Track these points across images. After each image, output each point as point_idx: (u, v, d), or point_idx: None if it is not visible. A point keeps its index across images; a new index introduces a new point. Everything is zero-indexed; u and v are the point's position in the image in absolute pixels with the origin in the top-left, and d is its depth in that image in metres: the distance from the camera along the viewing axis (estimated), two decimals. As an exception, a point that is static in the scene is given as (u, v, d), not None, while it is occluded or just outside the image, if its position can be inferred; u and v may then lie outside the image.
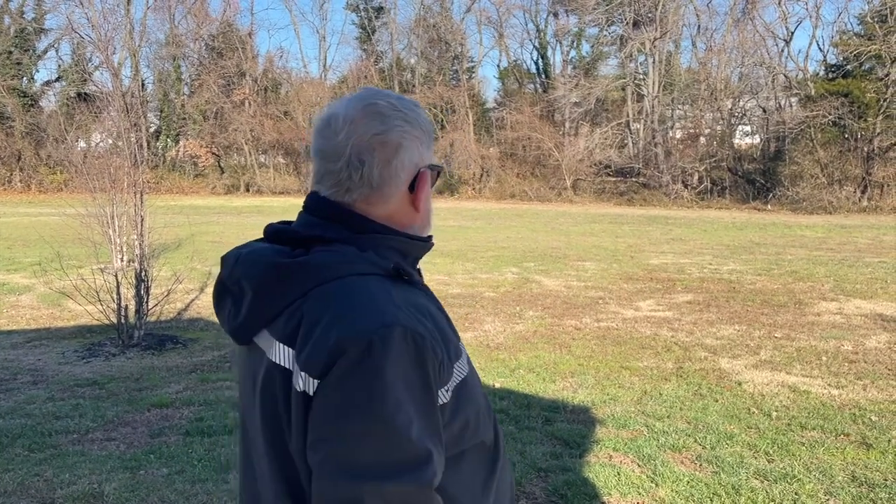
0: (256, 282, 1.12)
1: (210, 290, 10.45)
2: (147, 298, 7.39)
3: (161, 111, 43.72)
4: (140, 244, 7.57)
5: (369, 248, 1.13)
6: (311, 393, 1.02)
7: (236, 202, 34.70)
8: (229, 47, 43.61)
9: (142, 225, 7.74)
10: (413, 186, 1.18)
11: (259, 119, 41.68)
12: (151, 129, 43.55)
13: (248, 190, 40.90)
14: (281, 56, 61.89)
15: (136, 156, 8.94)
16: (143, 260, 7.49)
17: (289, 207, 31.18)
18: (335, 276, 1.08)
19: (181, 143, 43.51)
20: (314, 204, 1.19)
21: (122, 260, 9.92)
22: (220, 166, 43.36)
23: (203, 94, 42.24)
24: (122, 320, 7.19)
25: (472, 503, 1.14)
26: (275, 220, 1.31)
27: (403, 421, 0.99)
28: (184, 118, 43.09)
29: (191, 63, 45.33)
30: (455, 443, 1.11)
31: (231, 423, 4.84)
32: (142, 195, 7.96)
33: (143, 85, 43.50)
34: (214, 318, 8.56)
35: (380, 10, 47.24)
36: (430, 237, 1.24)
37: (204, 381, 5.99)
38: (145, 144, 40.59)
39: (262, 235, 1.23)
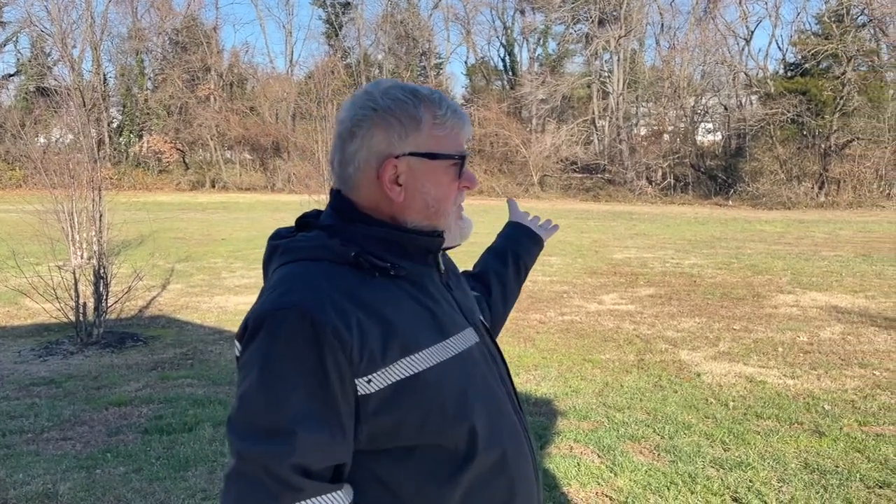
0: (263, 259, 1.28)
1: (172, 286, 10.32)
2: (106, 296, 7.27)
3: (124, 106, 42.94)
4: (99, 241, 7.45)
5: (345, 235, 1.18)
6: (237, 355, 1.16)
7: (201, 198, 34.24)
8: (194, 42, 42.99)
9: (100, 221, 7.61)
10: (380, 175, 1.18)
11: (225, 114, 41.17)
12: (114, 125, 42.78)
13: (213, 186, 40.40)
14: (247, 51, 61.14)
15: (95, 152, 8.78)
16: (102, 257, 7.36)
17: (255, 204, 30.88)
18: (290, 260, 1.17)
19: (144, 138, 42.78)
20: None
21: (81, 257, 9.74)
22: (184, 162, 42.75)
23: (167, 88, 41.58)
24: (81, 318, 7.06)
25: (417, 498, 1.14)
26: (240, 216, 1.35)
27: (276, 396, 1.06)
28: (147, 113, 42.37)
29: (154, 57, 44.60)
30: (393, 434, 1.12)
31: (191, 421, 4.79)
32: (100, 191, 7.83)
33: (104, 79, 42.72)
34: (176, 315, 8.49)
35: (347, 5, 46.96)
36: (435, 231, 1.22)
37: (164, 378, 5.91)
38: (107, 140, 39.93)
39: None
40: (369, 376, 1.09)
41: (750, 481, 3.85)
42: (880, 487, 3.76)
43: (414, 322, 1.16)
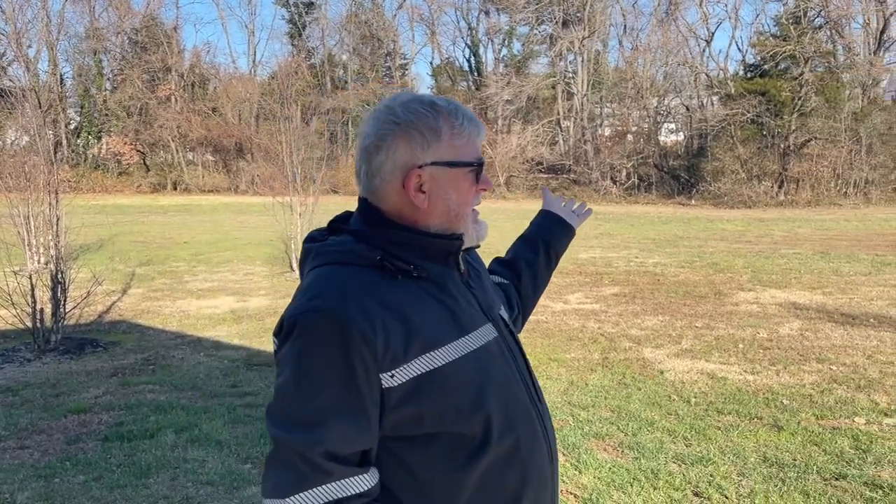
0: (299, 259, 1.38)
1: (132, 291, 10.15)
2: (64, 301, 7.12)
3: (81, 107, 42.06)
4: (56, 245, 7.29)
5: (372, 240, 1.28)
6: (275, 350, 1.28)
7: (163, 201, 33.72)
8: (153, 41, 42.26)
9: (58, 225, 7.45)
10: (405, 184, 1.27)
11: (186, 115, 40.56)
12: (71, 126, 41.87)
13: (175, 188, 39.79)
14: (208, 51, 60.41)
15: (52, 154, 8.58)
16: (60, 261, 7.20)
17: (218, 206, 30.49)
18: (321, 263, 1.27)
19: (103, 140, 41.95)
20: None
21: (37, 262, 9.52)
22: (145, 164, 42.01)
23: (126, 89, 40.80)
24: (38, 324, 6.90)
25: (436, 481, 1.24)
26: (203, 219, 1.38)
27: (308, 390, 1.18)
28: (106, 114, 41.53)
29: (113, 57, 43.76)
30: (415, 423, 1.22)
31: (152, 427, 4.72)
32: (58, 194, 7.66)
33: (61, 80, 41.78)
34: (137, 320, 8.35)
35: (310, 5, 46.63)
36: (454, 235, 1.31)
37: (125, 385, 5.81)
38: (64, 142, 39.09)
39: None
40: (392, 371, 1.19)
41: (711, 476, 3.91)
42: (836, 479, 3.85)
43: (434, 320, 1.25)
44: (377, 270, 1.24)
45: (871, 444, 4.32)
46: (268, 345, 7.15)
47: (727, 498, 3.67)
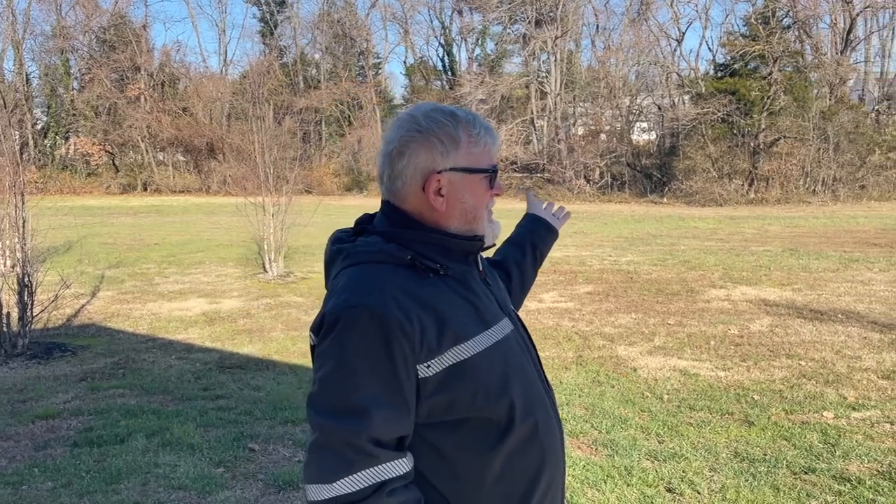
0: (325, 259, 1.47)
1: (102, 294, 9.99)
2: (31, 305, 6.98)
3: (49, 107, 41.37)
4: (22, 248, 7.15)
5: (400, 240, 1.37)
6: (312, 345, 1.38)
7: (133, 202, 33.26)
8: (122, 40, 41.63)
9: (24, 227, 7.30)
10: (425, 188, 1.38)
11: (156, 115, 40.04)
12: (38, 126, 41.12)
13: (145, 189, 39.26)
14: (178, 50, 59.41)
15: (17, 154, 8.41)
16: (27, 264, 7.07)
17: (189, 207, 30.15)
18: (355, 262, 1.36)
19: (71, 140, 41.29)
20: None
21: (3, 265, 9.34)
22: (114, 165, 41.41)
23: (94, 88, 40.17)
24: (5, 328, 6.77)
25: (465, 462, 1.35)
26: (174, 219, 1.38)
27: (352, 381, 1.26)
28: (74, 114, 40.87)
29: (80, 56, 43.03)
30: (447, 410, 1.32)
31: (122, 432, 4.64)
32: (24, 196, 7.51)
33: (27, 79, 41.04)
34: (107, 324, 8.22)
35: (282, 3, 46.30)
36: (475, 236, 1.42)
37: (94, 389, 5.71)
38: (31, 142, 38.36)
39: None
40: (428, 362, 1.29)
41: (683, 472, 3.95)
42: (805, 473, 3.92)
43: (462, 315, 1.36)
44: (409, 269, 1.34)
45: (839, 438, 4.40)
46: (240, 347, 7.09)
47: (699, 493, 3.71)
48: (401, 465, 1.29)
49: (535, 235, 2.04)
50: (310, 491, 1.28)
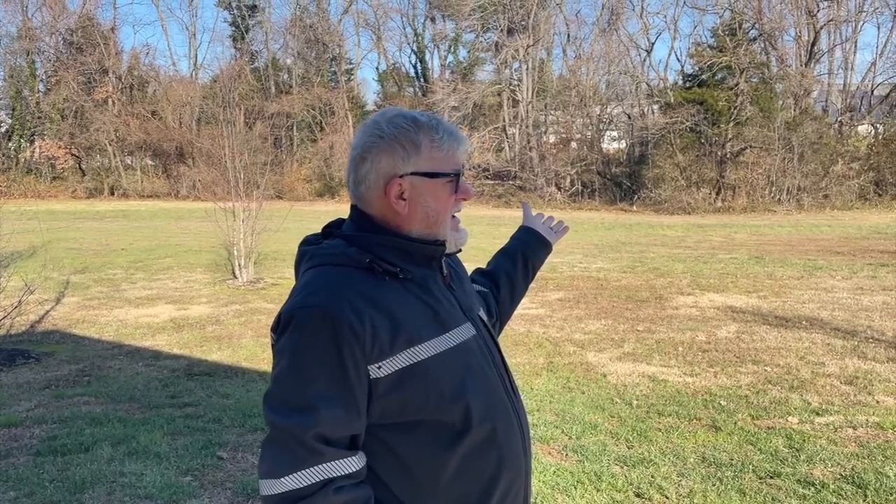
0: (295, 261, 1.49)
1: (67, 300, 9.81)
2: (-7, 311, 6.84)
3: (13, 109, 40.51)
4: (-16, 252, 7.00)
5: (361, 243, 1.39)
6: (272, 343, 1.39)
7: (99, 206, 32.72)
8: (90, 42, 40.99)
9: (-14, 231, 7.15)
10: (387, 192, 1.40)
11: (124, 118, 39.47)
12: (2, 129, 40.28)
13: (112, 193, 38.67)
14: (147, 53, 58.45)
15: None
16: (-11, 269, 6.92)
17: (157, 212, 29.76)
18: (317, 264, 1.39)
19: (36, 143, 40.49)
20: None
21: (-36, 270, 9.11)
22: (80, 168, 40.73)
23: (61, 91, 39.49)
24: (-35, 335, 6.61)
25: (419, 463, 1.36)
26: (142, 224, 1.40)
27: (303, 379, 1.30)
28: (39, 117, 40.11)
29: (46, 58, 42.29)
30: (400, 411, 1.34)
31: (87, 441, 4.56)
32: (-14, 199, 7.36)
33: (-9, 81, 40.20)
34: (72, 330, 8.07)
35: (253, 8, 45.99)
36: (436, 240, 1.43)
37: (58, 397, 5.60)
38: (-6, 145, 37.56)
39: None
40: (379, 363, 1.31)
41: (652, 477, 3.99)
42: (771, 478, 3.98)
43: (418, 318, 1.37)
44: (366, 272, 1.36)
45: (804, 442, 4.48)
46: (208, 354, 7.00)
47: (667, 498, 3.75)
48: (350, 464, 1.31)
49: (528, 248, 2.06)
50: (262, 485, 1.32)
